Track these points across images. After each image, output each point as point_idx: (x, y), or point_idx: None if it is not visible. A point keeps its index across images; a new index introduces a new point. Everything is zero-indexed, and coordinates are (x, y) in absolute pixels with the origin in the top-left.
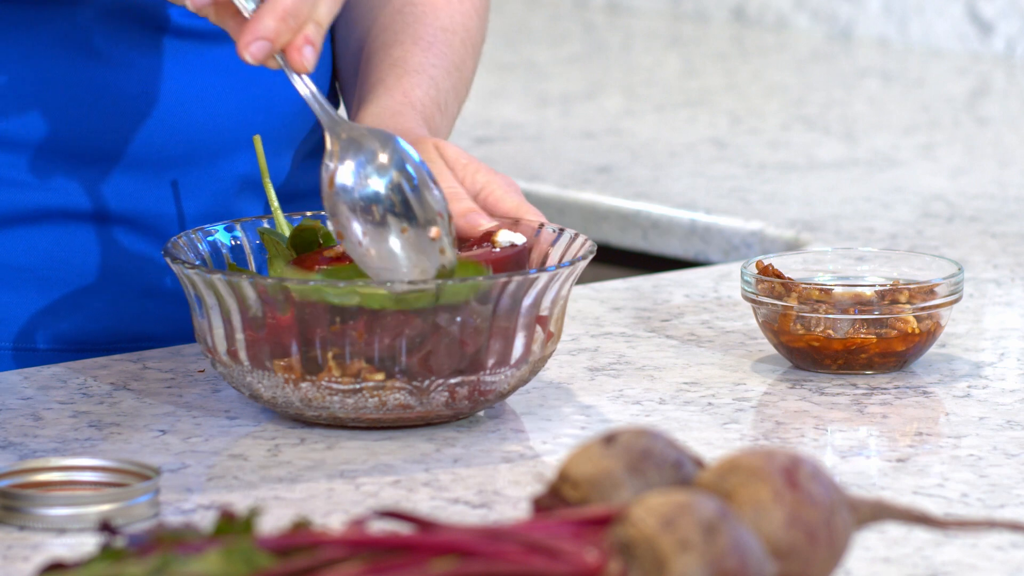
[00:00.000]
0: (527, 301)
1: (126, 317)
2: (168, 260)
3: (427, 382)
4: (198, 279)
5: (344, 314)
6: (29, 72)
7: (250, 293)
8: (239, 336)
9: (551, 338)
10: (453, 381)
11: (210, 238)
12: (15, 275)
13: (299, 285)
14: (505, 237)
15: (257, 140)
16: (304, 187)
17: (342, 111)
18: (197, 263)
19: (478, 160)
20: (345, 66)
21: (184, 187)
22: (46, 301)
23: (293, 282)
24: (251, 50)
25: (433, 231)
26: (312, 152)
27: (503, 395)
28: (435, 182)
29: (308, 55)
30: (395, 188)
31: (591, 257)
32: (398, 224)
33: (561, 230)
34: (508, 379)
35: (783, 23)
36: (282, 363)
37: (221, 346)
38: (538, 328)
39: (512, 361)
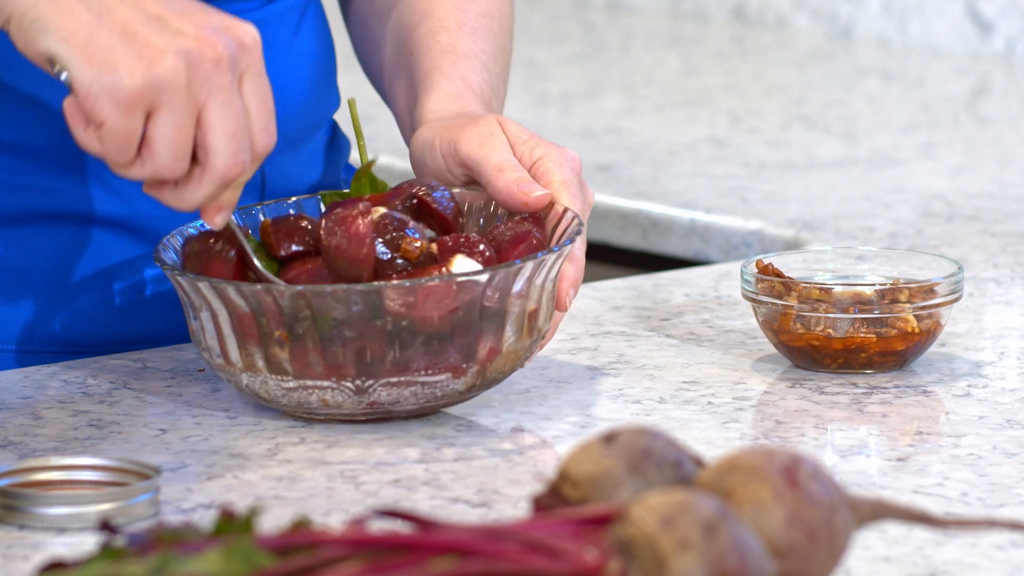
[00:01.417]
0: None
1: (126, 319)
2: (159, 264)
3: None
4: (184, 282)
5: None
6: (25, 75)
7: (236, 298)
8: (229, 335)
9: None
10: (393, 380)
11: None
12: (14, 277)
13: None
14: (460, 266)
15: (352, 102)
16: (304, 186)
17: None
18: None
19: (538, 136)
20: (378, 59)
21: None
22: (46, 303)
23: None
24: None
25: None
26: (315, 150)
27: (461, 394)
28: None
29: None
30: None
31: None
32: None
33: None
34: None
35: (783, 22)
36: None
37: (214, 345)
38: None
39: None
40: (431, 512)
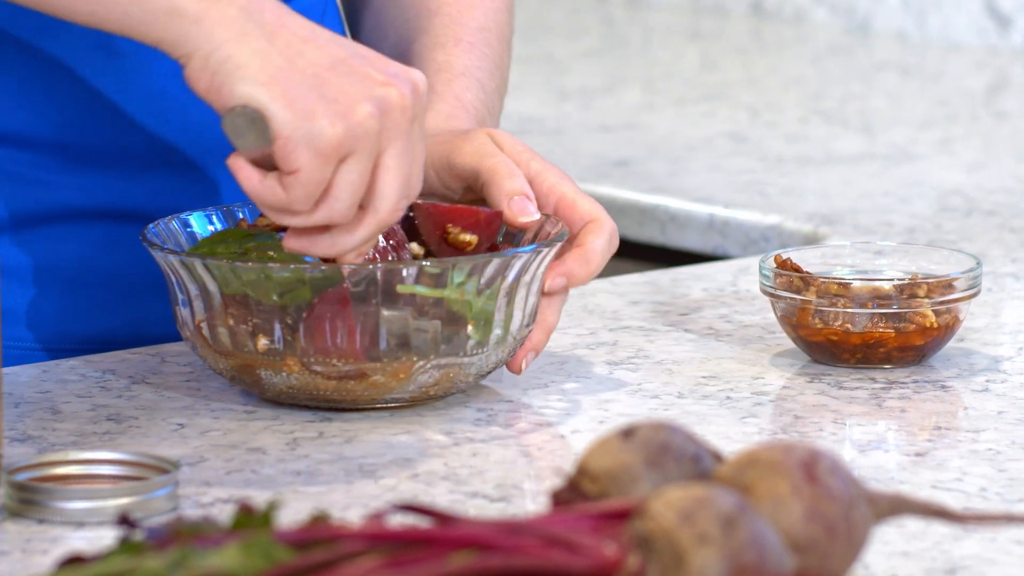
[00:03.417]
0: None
1: (151, 317)
2: (147, 245)
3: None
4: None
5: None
6: (53, 72)
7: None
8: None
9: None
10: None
11: (188, 228)
12: (41, 275)
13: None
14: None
15: None
16: None
17: None
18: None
19: (531, 149)
20: None
21: (207, 186)
22: (71, 301)
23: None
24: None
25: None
26: None
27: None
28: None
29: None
30: None
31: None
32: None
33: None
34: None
35: (801, 17)
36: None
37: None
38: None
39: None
40: (450, 507)
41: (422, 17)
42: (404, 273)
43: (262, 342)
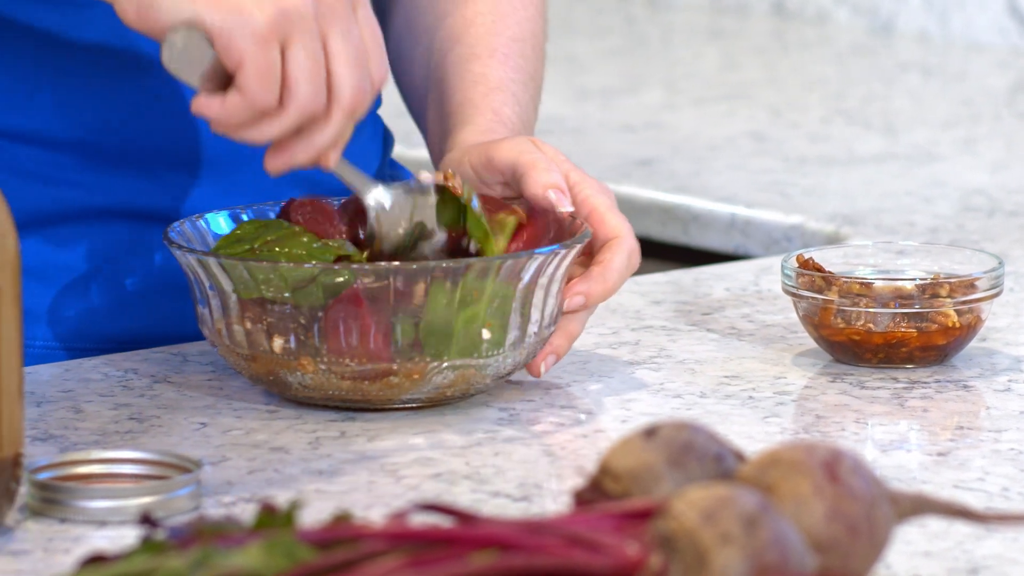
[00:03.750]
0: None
1: (172, 316)
2: (168, 243)
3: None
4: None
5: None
6: (72, 72)
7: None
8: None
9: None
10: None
11: (211, 228)
12: (62, 274)
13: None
14: None
15: (470, 195)
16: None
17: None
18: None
19: (571, 161)
20: (411, 80)
21: (228, 186)
22: (92, 300)
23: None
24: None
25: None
26: (366, 144)
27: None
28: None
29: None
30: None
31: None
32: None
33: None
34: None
35: (824, 17)
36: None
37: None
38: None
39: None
40: (472, 506)
41: (455, 27)
42: (416, 269)
43: (277, 342)
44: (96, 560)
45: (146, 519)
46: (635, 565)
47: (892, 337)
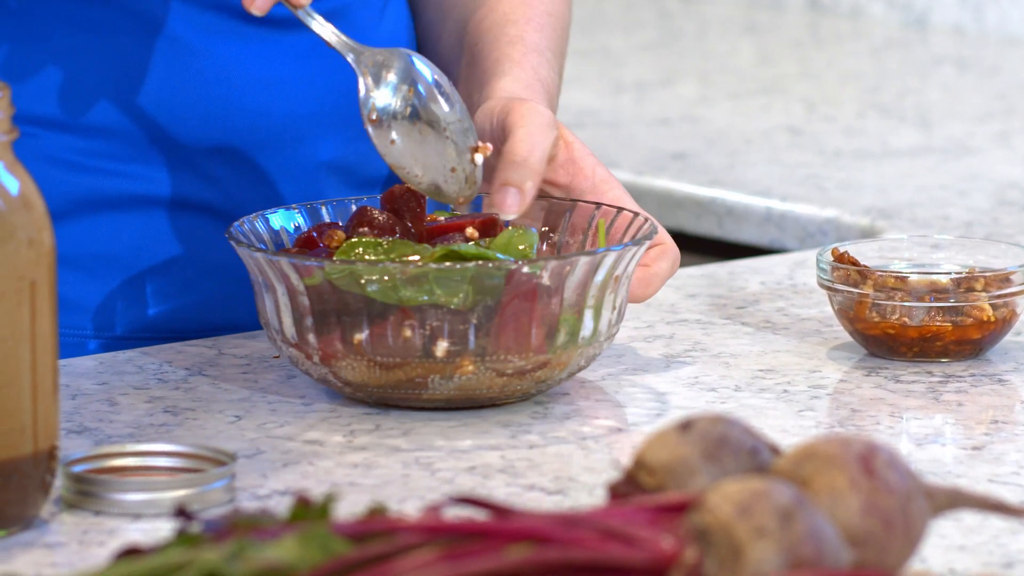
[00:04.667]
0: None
1: (209, 305)
2: (232, 243)
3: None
4: (264, 261)
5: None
6: (110, 61)
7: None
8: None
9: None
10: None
11: (271, 225)
12: (97, 263)
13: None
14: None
15: (601, 224)
16: (386, 170)
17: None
18: (261, 246)
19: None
20: (439, 50)
21: (265, 174)
22: (128, 289)
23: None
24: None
25: (479, 157)
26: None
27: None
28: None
29: None
30: (424, 97)
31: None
32: (436, 130)
33: (635, 215)
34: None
35: (858, 11)
36: (348, 343)
37: (289, 330)
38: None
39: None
40: (507, 499)
41: None
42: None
43: (441, 346)
44: (131, 553)
45: (181, 512)
46: (670, 558)
47: (927, 331)
